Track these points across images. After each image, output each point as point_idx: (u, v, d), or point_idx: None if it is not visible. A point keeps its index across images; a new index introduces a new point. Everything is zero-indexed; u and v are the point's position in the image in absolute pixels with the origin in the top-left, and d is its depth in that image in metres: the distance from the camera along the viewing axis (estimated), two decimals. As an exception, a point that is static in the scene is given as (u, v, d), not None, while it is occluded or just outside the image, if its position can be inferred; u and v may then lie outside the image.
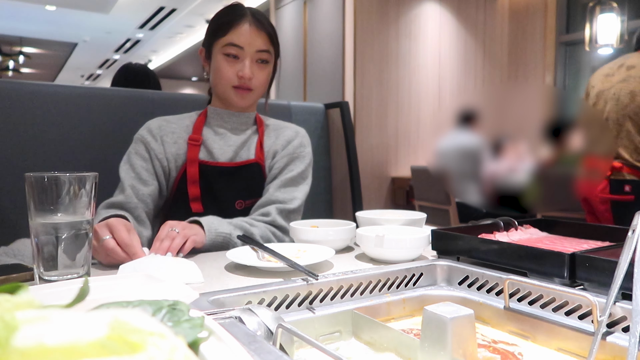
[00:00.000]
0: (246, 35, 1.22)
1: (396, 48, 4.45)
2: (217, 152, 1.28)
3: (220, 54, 1.24)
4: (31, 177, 0.71)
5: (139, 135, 1.28)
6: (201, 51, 1.33)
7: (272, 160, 1.34)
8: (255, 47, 1.23)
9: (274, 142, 1.35)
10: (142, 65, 2.55)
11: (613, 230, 0.94)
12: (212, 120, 1.32)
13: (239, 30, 1.22)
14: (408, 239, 0.92)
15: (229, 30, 1.22)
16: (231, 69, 1.23)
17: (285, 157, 1.33)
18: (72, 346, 0.24)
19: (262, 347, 0.45)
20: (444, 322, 0.55)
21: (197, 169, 1.24)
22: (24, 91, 1.40)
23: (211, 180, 1.25)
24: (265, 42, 1.25)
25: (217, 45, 1.25)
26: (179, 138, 1.28)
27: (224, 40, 1.23)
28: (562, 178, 1.08)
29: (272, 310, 0.57)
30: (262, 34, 1.24)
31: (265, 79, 1.29)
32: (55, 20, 8.24)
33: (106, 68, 12.37)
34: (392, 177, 4.47)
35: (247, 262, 0.86)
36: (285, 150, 1.33)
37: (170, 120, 1.31)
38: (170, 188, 1.28)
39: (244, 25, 1.22)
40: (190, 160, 1.25)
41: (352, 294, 0.78)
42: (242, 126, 1.33)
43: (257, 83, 1.26)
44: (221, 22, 1.24)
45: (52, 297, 0.55)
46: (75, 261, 0.75)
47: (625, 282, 0.62)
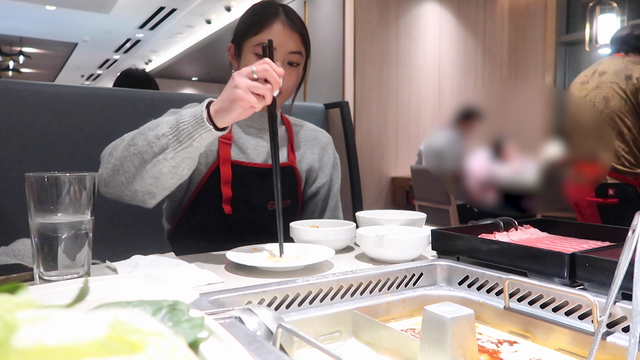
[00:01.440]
0: (279, 35, 1.18)
1: (396, 48, 4.45)
2: (251, 153, 1.25)
3: (251, 53, 1.20)
4: (31, 177, 0.71)
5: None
6: (230, 47, 1.29)
7: (308, 165, 1.35)
8: (287, 48, 1.19)
9: (308, 149, 1.36)
10: (142, 71, 2.57)
11: (613, 230, 0.94)
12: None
13: (272, 30, 1.18)
14: (408, 239, 0.92)
15: (261, 29, 1.18)
16: None
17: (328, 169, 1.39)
18: (72, 346, 0.24)
19: (262, 347, 0.45)
20: (444, 322, 0.55)
21: (230, 169, 1.20)
22: (24, 91, 1.40)
23: (245, 180, 1.22)
24: (298, 43, 1.21)
25: (248, 43, 1.20)
26: None
27: (257, 40, 1.18)
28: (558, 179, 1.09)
29: (272, 310, 0.57)
30: (295, 34, 1.20)
31: (294, 81, 1.25)
32: (55, 20, 8.24)
33: (106, 68, 12.37)
34: (392, 177, 4.47)
35: (247, 262, 0.86)
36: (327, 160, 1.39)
37: None
38: (196, 184, 1.23)
39: (277, 25, 1.18)
40: (224, 159, 1.20)
41: (352, 294, 0.78)
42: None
43: (287, 85, 1.22)
44: (254, 20, 1.20)
45: (52, 297, 0.55)
46: (75, 261, 0.75)
47: (625, 282, 0.62)
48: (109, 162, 1.01)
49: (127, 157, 0.96)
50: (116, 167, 0.98)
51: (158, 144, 0.93)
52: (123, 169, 0.97)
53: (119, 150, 0.99)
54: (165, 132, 0.93)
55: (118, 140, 1.04)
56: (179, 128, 0.92)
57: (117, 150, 0.99)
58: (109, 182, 1.00)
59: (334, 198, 1.40)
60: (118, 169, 0.98)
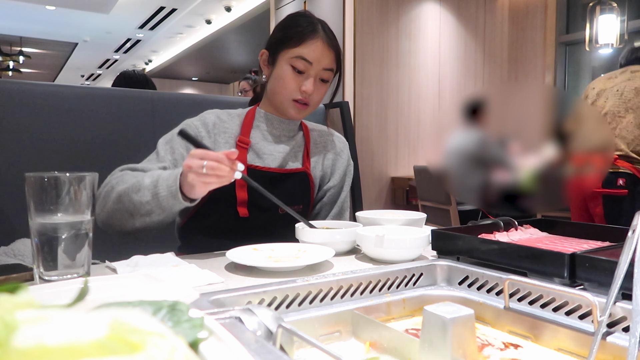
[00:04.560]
0: (317, 52, 1.20)
1: (396, 48, 4.45)
2: (267, 158, 1.26)
3: (287, 64, 1.21)
4: (31, 177, 0.71)
5: (193, 125, 1.22)
6: (262, 53, 1.29)
7: (322, 171, 1.36)
8: (323, 64, 1.21)
9: (323, 155, 1.37)
10: (140, 72, 2.57)
11: (613, 230, 0.94)
12: (261, 124, 1.29)
13: (311, 45, 1.19)
14: (408, 239, 0.92)
15: (301, 42, 1.19)
16: (295, 82, 1.21)
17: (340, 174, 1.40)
18: (72, 346, 0.24)
19: (262, 347, 0.45)
20: (444, 322, 0.55)
21: (246, 173, 1.21)
22: (24, 91, 1.40)
23: (259, 184, 1.22)
24: (332, 60, 1.23)
25: (285, 54, 1.21)
26: (230, 138, 1.24)
27: (294, 52, 1.20)
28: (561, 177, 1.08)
29: (272, 310, 0.57)
30: (332, 52, 1.22)
31: (322, 95, 1.28)
32: (55, 20, 8.24)
33: (106, 68, 12.38)
34: (392, 177, 4.47)
35: (247, 262, 0.86)
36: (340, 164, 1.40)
37: (222, 118, 1.27)
38: None
39: (317, 41, 1.20)
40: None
41: (352, 294, 0.78)
42: (290, 133, 1.32)
43: (316, 99, 1.25)
44: (293, 32, 1.21)
45: (52, 297, 0.55)
46: (75, 261, 0.75)
47: (625, 282, 0.62)
48: (102, 208, 1.07)
49: (118, 211, 1.05)
50: (109, 215, 1.06)
51: (142, 208, 1.02)
52: (116, 217, 1.06)
53: (109, 203, 1.05)
54: (148, 200, 1.01)
55: (108, 186, 1.09)
56: (159, 199, 1.00)
57: (108, 201, 1.06)
58: (106, 224, 1.08)
59: (340, 204, 1.41)
60: (111, 217, 1.06)
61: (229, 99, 2.02)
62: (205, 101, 1.69)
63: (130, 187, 1.03)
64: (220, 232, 1.23)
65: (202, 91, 13.18)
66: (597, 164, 1.15)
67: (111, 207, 1.05)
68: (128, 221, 1.04)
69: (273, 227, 1.24)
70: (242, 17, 7.36)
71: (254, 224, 1.22)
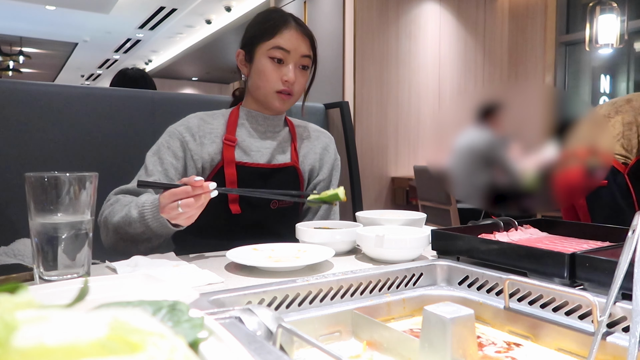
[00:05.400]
0: (293, 39, 1.23)
1: (396, 48, 4.45)
2: (255, 154, 1.27)
3: (265, 57, 1.23)
4: (31, 177, 0.71)
5: (177, 131, 1.23)
6: (239, 53, 1.31)
7: (310, 165, 1.38)
8: (300, 52, 1.24)
9: (310, 149, 1.39)
10: (138, 70, 2.55)
11: (613, 230, 0.94)
12: (245, 121, 1.30)
13: (286, 34, 1.23)
14: (408, 239, 0.92)
15: (275, 33, 1.22)
16: (276, 73, 1.23)
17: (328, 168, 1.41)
18: (72, 346, 0.24)
19: (262, 347, 0.45)
20: (444, 322, 0.55)
21: (234, 170, 1.23)
22: (24, 91, 1.40)
23: (248, 181, 1.24)
24: (308, 47, 1.27)
25: (261, 47, 1.24)
26: (216, 137, 1.25)
27: (271, 44, 1.22)
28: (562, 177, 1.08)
29: (272, 310, 0.57)
30: (306, 39, 1.26)
31: (304, 84, 1.30)
32: (55, 20, 8.24)
33: (106, 68, 12.37)
34: (392, 177, 4.47)
35: (247, 262, 0.86)
36: (327, 159, 1.41)
37: (206, 119, 1.28)
38: None
39: (290, 30, 1.23)
40: (228, 161, 1.23)
41: (352, 294, 0.78)
42: (275, 128, 1.33)
43: (298, 88, 1.27)
44: (267, 26, 1.24)
45: (52, 297, 0.55)
46: (75, 261, 0.75)
47: (625, 282, 0.62)
48: (105, 237, 1.12)
49: (120, 241, 1.09)
50: (114, 244, 1.10)
51: (140, 238, 1.06)
52: (120, 246, 1.09)
53: (110, 233, 1.09)
54: (144, 231, 1.03)
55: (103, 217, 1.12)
56: (152, 229, 1.03)
57: (108, 232, 1.10)
58: (115, 250, 1.11)
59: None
60: (116, 245, 1.10)
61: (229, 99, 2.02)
62: (205, 101, 1.69)
63: (122, 220, 1.05)
64: (215, 231, 1.23)
65: (202, 91, 13.18)
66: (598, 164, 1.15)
67: (113, 238, 1.09)
68: (133, 248, 1.08)
69: (266, 223, 1.26)
70: (242, 17, 7.35)
71: (247, 220, 1.24)
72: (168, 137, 1.23)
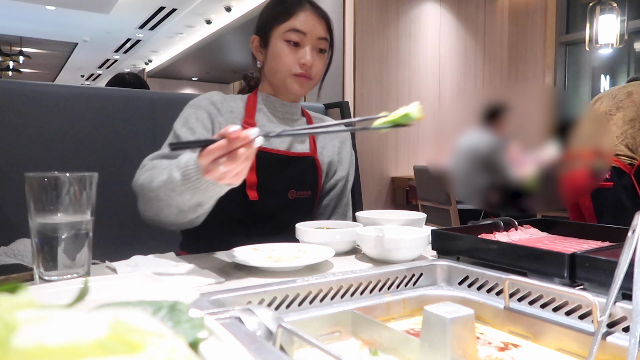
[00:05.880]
0: (308, 21, 1.20)
1: (396, 48, 4.45)
2: (275, 140, 1.23)
3: (281, 40, 1.20)
4: (31, 177, 0.71)
5: (202, 103, 1.19)
6: (253, 39, 1.28)
7: (329, 158, 1.35)
8: (316, 34, 1.20)
9: (328, 142, 1.36)
10: (134, 75, 2.55)
11: (613, 230, 0.94)
12: (264, 106, 1.27)
13: (302, 16, 1.20)
14: (408, 239, 0.92)
15: (290, 16, 1.19)
16: (292, 56, 1.20)
17: (347, 163, 1.39)
18: (72, 346, 0.24)
19: (262, 347, 0.45)
20: (444, 322, 0.55)
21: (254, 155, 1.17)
22: (24, 91, 1.40)
23: (267, 167, 1.20)
24: (325, 29, 1.23)
25: (276, 31, 1.21)
26: (236, 119, 1.22)
27: (286, 26, 1.19)
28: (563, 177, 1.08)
29: (272, 310, 0.57)
30: (322, 20, 1.23)
31: (322, 67, 1.26)
32: (55, 20, 8.23)
33: (106, 68, 12.37)
34: (392, 177, 4.47)
35: (247, 262, 0.86)
36: (345, 154, 1.39)
37: (227, 98, 1.25)
38: None
39: (306, 12, 1.20)
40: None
41: (352, 294, 0.78)
42: (292, 116, 1.30)
43: (316, 71, 1.23)
44: (281, 8, 1.22)
45: (52, 297, 0.55)
46: (75, 261, 0.75)
47: (625, 282, 0.62)
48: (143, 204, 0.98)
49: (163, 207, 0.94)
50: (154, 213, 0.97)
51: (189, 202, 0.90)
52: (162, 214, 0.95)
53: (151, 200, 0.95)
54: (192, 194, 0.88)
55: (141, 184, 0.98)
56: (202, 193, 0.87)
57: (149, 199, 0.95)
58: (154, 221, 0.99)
59: (347, 195, 1.40)
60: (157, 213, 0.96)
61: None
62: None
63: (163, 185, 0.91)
64: (229, 219, 1.18)
65: (202, 91, 12.96)
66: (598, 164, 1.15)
67: (155, 206, 0.95)
68: (180, 216, 0.94)
69: (282, 213, 1.21)
70: (242, 17, 7.35)
71: (263, 208, 1.20)
72: (194, 110, 1.18)
